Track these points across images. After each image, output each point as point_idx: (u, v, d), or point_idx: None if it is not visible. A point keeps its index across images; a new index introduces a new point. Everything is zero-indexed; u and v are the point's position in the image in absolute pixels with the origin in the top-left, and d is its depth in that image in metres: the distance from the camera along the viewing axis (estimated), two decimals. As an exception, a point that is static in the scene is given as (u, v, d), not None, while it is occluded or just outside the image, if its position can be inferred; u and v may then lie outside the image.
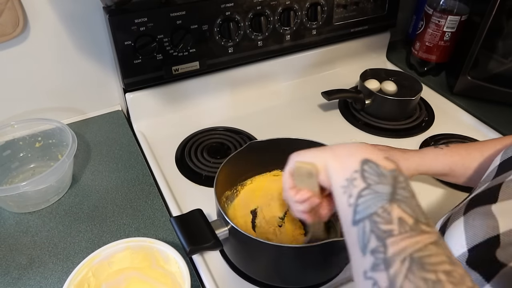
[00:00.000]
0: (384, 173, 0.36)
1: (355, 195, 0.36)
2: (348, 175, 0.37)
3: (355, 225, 0.34)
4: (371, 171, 0.37)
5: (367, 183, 0.36)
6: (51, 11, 0.73)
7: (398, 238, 0.31)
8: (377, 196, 0.35)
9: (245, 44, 0.85)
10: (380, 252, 0.31)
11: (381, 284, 0.30)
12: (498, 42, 0.88)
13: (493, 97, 0.91)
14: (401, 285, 0.29)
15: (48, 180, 0.63)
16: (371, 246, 0.32)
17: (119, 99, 0.91)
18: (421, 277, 0.29)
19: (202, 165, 0.76)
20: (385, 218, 0.33)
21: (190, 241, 0.53)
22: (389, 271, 0.30)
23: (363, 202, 0.35)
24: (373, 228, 0.33)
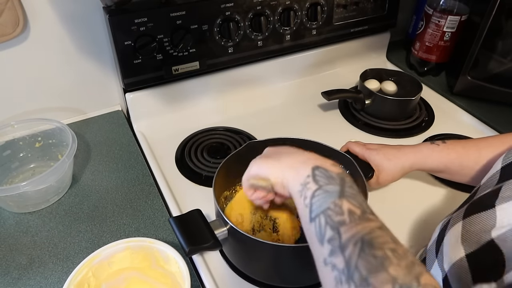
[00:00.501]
0: (333, 176, 0.41)
1: (309, 196, 0.40)
2: (302, 180, 0.42)
3: (312, 221, 0.39)
4: (321, 174, 0.41)
5: (318, 184, 0.40)
6: (51, 11, 0.73)
7: (349, 226, 0.36)
8: (328, 194, 0.39)
9: (245, 44, 0.85)
10: (336, 239, 0.36)
11: (339, 266, 0.34)
12: (498, 42, 0.88)
13: (493, 97, 0.91)
14: (356, 263, 0.33)
15: (48, 180, 0.63)
16: (327, 236, 0.36)
17: (119, 99, 0.91)
18: (372, 254, 0.33)
19: (202, 165, 0.76)
20: (337, 211, 0.37)
21: (189, 241, 0.53)
22: (345, 253, 0.34)
23: (317, 200, 0.39)
24: (327, 220, 0.37)
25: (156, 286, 0.55)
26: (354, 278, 0.33)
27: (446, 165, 0.61)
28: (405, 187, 0.72)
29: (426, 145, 0.63)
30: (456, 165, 0.60)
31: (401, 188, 0.71)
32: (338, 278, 0.34)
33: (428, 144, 0.63)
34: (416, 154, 0.63)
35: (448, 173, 0.62)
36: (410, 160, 0.63)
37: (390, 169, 0.64)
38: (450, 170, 0.61)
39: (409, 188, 0.73)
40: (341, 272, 0.34)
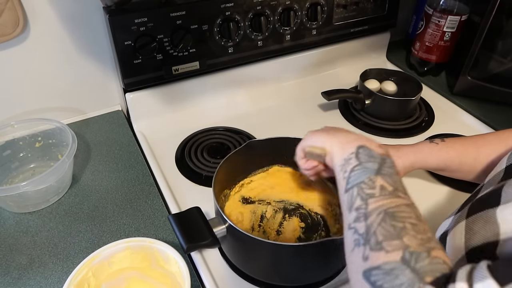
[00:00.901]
0: (375, 155, 0.44)
1: (349, 170, 0.43)
2: (346, 156, 0.45)
3: (346, 192, 0.42)
4: (364, 153, 0.44)
5: (359, 161, 0.44)
6: (51, 11, 0.73)
7: (377, 199, 0.39)
8: (366, 170, 0.42)
9: (245, 44, 0.85)
10: (362, 209, 0.39)
11: (360, 231, 0.38)
12: (498, 42, 0.88)
13: (493, 97, 0.91)
14: (375, 231, 0.36)
15: (48, 180, 0.63)
16: (356, 205, 0.40)
17: (119, 99, 0.91)
18: (391, 225, 0.36)
19: (202, 165, 0.76)
20: (370, 185, 0.41)
21: (187, 238, 0.53)
22: (367, 221, 0.38)
23: (354, 174, 0.43)
24: (359, 192, 0.41)
25: (156, 286, 0.55)
26: (371, 241, 0.36)
27: (446, 164, 0.61)
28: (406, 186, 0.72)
29: (425, 144, 0.63)
30: (455, 163, 0.61)
31: None
32: (357, 240, 0.37)
33: (428, 143, 0.64)
34: (416, 153, 0.63)
35: (448, 171, 0.63)
36: (410, 160, 0.63)
37: None
38: (450, 168, 0.62)
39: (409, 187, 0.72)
40: (360, 235, 0.37)
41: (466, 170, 0.61)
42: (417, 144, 0.65)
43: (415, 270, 0.32)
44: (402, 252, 0.33)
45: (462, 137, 0.65)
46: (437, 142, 0.63)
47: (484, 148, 0.59)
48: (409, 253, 0.33)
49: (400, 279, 0.32)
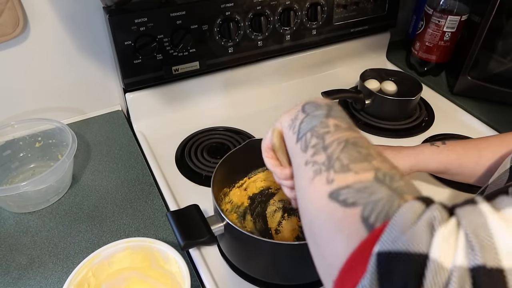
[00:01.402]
0: (321, 104, 0.41)
1: (298, 124, 0.40)
2: (292, 116, 0.42)
3: (298, 141, 0.38)
4: (310, 106, 0.41)
5: (306, 113, 0.40)
6: (51, 11, 0.73)
7: (335, 133, 0.36)
8: (315, 117, 0.39)
9: (245, 44, 0.85)
10: (319, 144, 0.35)
11: (320, 161, 0.33)
12: (498, 42, 0.88)
13: (493, 97, 0.91)
14: (338, 156, 0.33)
15: (48, 180, 0.63)
16: (311, 144, 0.36)
17: (119, 99, 0.91)
18: (356, 150, 0.33)
19: (202, 165, 0.76)
20: (323, 126, 0.37)
21: (185, 235, 0.53)
22: (327, 151, 0.34)
23: (304, 124, 0.39)
24: (313, 133, 0.37)
25: (156, 286, 0.55)
26: (335, 166, 0.32)
27: (446, 166, 0.61)
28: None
29: (426, 147, 0.63)
30: (456, 166, 0.60)
31: None
32: (317, 170, 0.33)
33: (428, 145, 0.63)
34: (417, 156, 0.63)
35: (449, 174, 0.62)
36: (411, 162, 0.63)
37: None
38: (451, 171, 0.61)
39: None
40: (321, 164, 0.33)
41: (467, 173, 0.60)
42: (418, 146, 0.64)
43: (392, 188, 0.28)
44: (374, 172, 0.30)
45: (463, 140, 0.65)
46: (438, 144, 0.63)
47: (486, 151, 0.58)
48: (382, 174, 0.30)
49: (377, 195, 0.28)
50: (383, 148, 0.67)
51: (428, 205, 0.26)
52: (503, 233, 0.23)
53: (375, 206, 0.27)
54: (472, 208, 0.25)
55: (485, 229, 0.23)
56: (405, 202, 0.26)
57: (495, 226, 0.23)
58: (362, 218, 0.27)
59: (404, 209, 0.26)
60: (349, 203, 0.29)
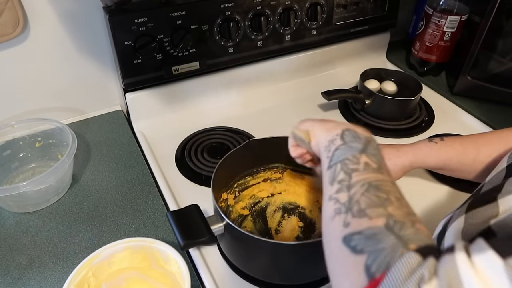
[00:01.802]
0: (360, 136, 0.43)
1: (333, 150, 0.43)
2: (330, 137, 0.45)
3: (329, 168, 0.41)
4: (349, 134, 0.44)
5: (344, 141, 0.43)
6: (51, 11, 0.73)
7: (362, 173, 0.38)
8: (351, 148, 0.41)
9: (245, 44, 0.85)
10: (345, 181, 0.38)
11: (342, 200, 0.36)
12: (498, 42, 0.88)
13: (493, 97, 0.91)
14: (358, 200, 0.35)
15: (48, 180, 0.63)
16: (338, 178, 0.39)
17: (119, 99, 0.91)
18: (375, 195, 0.35)
19: (202, 165, 0.76)
20: (354, 161, 0.40)
21: (184, 235, 0.53)
22: (350, 191, 0.37)
23: (338, 152, 0.42)
24: (342, 167, 0.40)
25: (156, 286, 0.55)
26: (353, 209, 0.35)
27: (445, 163, 0.61)
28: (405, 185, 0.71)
29: (424, 143, 0.64)
30: (454, 162, 0.61)
31: (401, 186, 0.70)
32: (338, 209, 0.36)
33: (427, 142, 0.64)
34: (415, 152, 0.63)
35: (447, 170, 0.63)
36: (410, 159, 0.63)
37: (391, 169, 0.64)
38: (449, 167, 0.62)
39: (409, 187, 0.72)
40: (342, 204, 0.36)
41: (465, 170, 0.61)
42: (416, 143, 0.65)
43: (399, 236, 0.31)
44: (385, 219, 0.32)
45: (461, 136, 0.65)
46: (436, 141, 0.63)
47: (484, 148, 0.59)
48: (393, 221, 0.32)
49: (382, 244, 0.30)
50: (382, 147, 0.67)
51: (425, 257, 0.28)
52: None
53: (378, 255, 0.30)
54: (450, 262, 0.27)
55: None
56: (407, 252, 0.29)
57: (468, 281, 0.25)
58: (365, 266, 0.30)
59: (401, 263, 0.28)
60: (358, 250, 0.31)
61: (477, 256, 0.27)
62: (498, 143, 0.58)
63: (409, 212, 0.34)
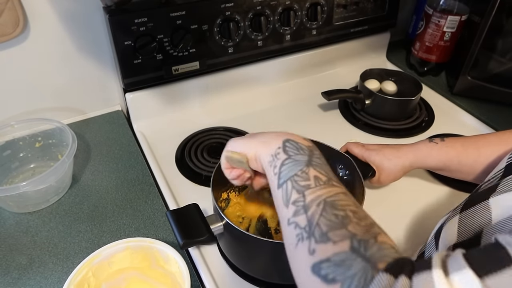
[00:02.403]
0: (302, 147, 0.43)
1: (279, 165, 0.42)
2: (272, 152, 0.44)
3: (279, 187, 0.41)
4: (291, 146, 0.43)
5: (288, 154, 0.42)
6: (51, 11, 0.73)
7: (314, 189, 0.38)
8: (297, 163, 0.41)
9: (245, 44, 0.85)
10: (300, 201, 0.38)
11: (301, 224, 0.36)
12: (498, 42, 0.88)
13: (493, 97, 0.91)
14: (317, 222, 0.35)
15: (48, 180, 0.63)
16: (292, 199, 0.38)
17: (119, 99, 0.91)
18: (333, 214, 0.35)
19: (202, 165, 0.76)
20: (304, 177, 0.39)
21: (184, 234, 0.53)
22: (308, 213, 0.36)
23: (285, 169, 0.41)
24: (294, 185, 0.39)
25: (156, 286, 0.55)
26: (315, 233, 0.34)
27: (445, 163, 0.61)
28: (405, 185, 0.72)
29: (425, 144, 0.64)
30: (455, 163, 0.61)
31: (401, 186, 0.71)
32: (300, 235, 0.36)
33: (427, 142, 0.64)
34: (416, 153, 0.63)
35: (447, 170, 0.63)
36: (410, 159, 0.63)
37: (391, 169, 0.65)
38: (449, 168, 0.62)
39: (408, 187, 0.73)
40: (303, 229, 0.36)
41: (465, 171, 0.60)
42: (417, 143, 0.65)
43: (366, 257, 0.31)
44: (349, 241, 0.32)
45: (462, 137, 0.65)
46: (437, 141, 0.63)
47: (485, 149, 0.58)
48: (357, 241, 0.32)
49: (353, 269, 0.30)
50: (383, 147, 0.67)
51: (396, 276, 0.28)
52: None
53: (351, 282, 0.30)
54: (425, 278, 0.27)
55: None
56: (377, 274, 0.29)
57: None
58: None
59: (374, 287, 0.28)
60: (330, 279, 0.31)
61: (455, 275, 0.27)
62: (499, 145, 0.57)
63: (368, 224, 0.35)
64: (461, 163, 0.60)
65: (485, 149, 0.58)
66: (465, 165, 0.60)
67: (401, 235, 0.65)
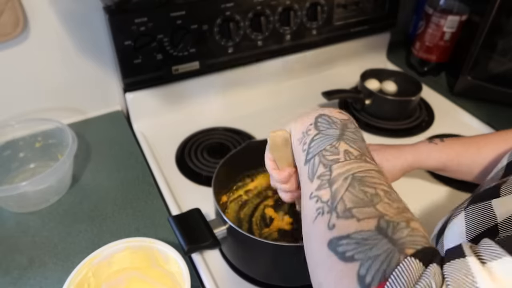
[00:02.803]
0: (335, 121, 0.39)
1: (308, 142, 0.38)
2: (304, 128, 0.40)
3: (306, 163, 0.37)
4: (324, 121, 0.39)
5: (319, 130, 0.39)
6: (51, 11, 0.73)
7: (343, 163, 0.34)
8: (327, 137, 0.37)
9: (245, 44, 0.85)
10: (326, 175, 0.34)
11: (324, 198, 0.32)
12: (498, 42, 0.88)
13: (493, 97, 0.91)
14: (342, 197, 0.31)
15: (48, 180, 0.63)
16: (318, 173, 0.35)
17: (119, 99, 0.90)
18: (361, 190, 0.31)
19: (202, 165, 0.76)
20: (333, 151, 0.36)
21: (188, 240, 0.53)
22: (332, 187, 0.32)
23: (314, 144, 0.38)
24: (321, 159, 0.35)
25: (156, 286, 0.55)
26: (337, 208, 0.31)
27: (445, 164, 0.61)
28: (405, 185, 0.72)
29: (424, 144, 0.64)
30: (454, 163, 0.61)
31: (401, 186, 0.70)
32: (320, 209, 0.32)
33: (427, 143, 0.64)
34: (415, 153, 0.63)
35: (447, 171, 0.63)
36: (409, 160, 0.63)
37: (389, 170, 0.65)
38: (449, 168, 0.62)
39: (408, 187, 0.72)
40: (324, 203, 0.32)
41: (465, 171, 0.60)
42: (416, 144, 0.65)
43: (393, 240, 0.27)
44: (377, 220, 0.29)
45: (462, 137, 0.65)
46: (436, 142, 0.63)
47: (485, 149, 0.58)
48: (386, 222, 0.28)
49: (375, 250, 0.27)
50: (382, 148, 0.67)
51: (426, 264, 0.25)
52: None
53: (372, 263, 0.26)
54: (460, 266, 0.24)
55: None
56: (404, 259, 0.25)
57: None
58: (358, 276, 0.26)
59: (400, 271, 0.25)
60: (347, 257, 0.28)
61: (494, 263, 0.24)
62: (499, 144, 0.57)
63: (400, 207, 0.31)
64: (461, 163, 0.60)
65: (485, 149, 0.58)
66: (464, 165, 0.60)
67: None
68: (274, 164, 0.47)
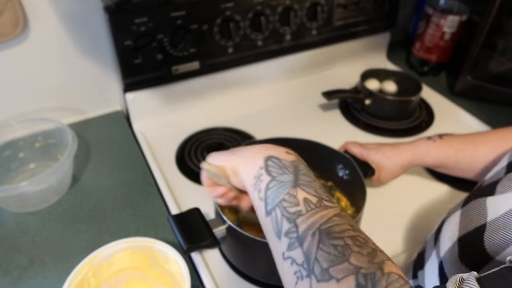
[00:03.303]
0: (286, 164, 0.39)
1: (264, 189, 0.39)
2: (255, 173, 0.40)
3: (268, 215, 0.37)
4: (274, 165, 0.40)
5: (272, 176, 0.39)
6: (51, 11, 0.73)
7: (306, 216, 0.34)
8: (282, 185, 0.38)
9: (245, 44, 0.85)
10: (293, 232, 0.34)
11: (298, 260, 0.33)
12: (498, 42, 0.88)
13: (493, 97, 0.91)
14: (316, 257, 0.32)
15: (48, 180, 0.63)
16: (284, 229, 0.35)
17: (119, 99, 0.90)
18: (331, 244, 0.32)
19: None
20: (292, 201, 0.36)
21: (187, 239, 0.53)
22: (303, 246, 0.33)
23: (271, 193, 0.38)
24: (283, 213, 0.36)
25: (156, 286, 0.55)
26: (315, 271, 0.31)
27: (443, 161, 0.62)
28: (404, 184, 0.72)
29: (423, 142, 0.64)
30: (452, 160, 0.61)
31: (400, 185, 0.71)
32: (298, 273, 0.32)
33: (425, 140, 0.64)
34: (414, 151, 0.63)
35: (445, 168, 0.63)
36: (409, 158, 0.63)
37: (390, 168, 0.65)
38: (447, 165, 0.62)
39: (407, 185, 0.73)
40: (300, 265, 0.32)
41: (464, 168, 0.61)
42: (415, 141, 0.65)
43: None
44: (354, 277, 0.29)
45: (460, 135, 0.65)
46: (435, 139, 0.63)
47: (483, 146, 0.59)
48: (363, 277, 0.29)
49: None
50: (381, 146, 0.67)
51: None
52: None
53: None
54: None
55: None
56: None
57: None
58: None
59: None
60: None
61: None
62: (497, 142, 0.58)
63: (370, 252, 0.31)
64: (459, 161, 0.61)
65: (483, 146, 0.59)
66: (462, 162, 0.60)
67: (400, 233, 0.65)
68: (210, 182, 0.48)
